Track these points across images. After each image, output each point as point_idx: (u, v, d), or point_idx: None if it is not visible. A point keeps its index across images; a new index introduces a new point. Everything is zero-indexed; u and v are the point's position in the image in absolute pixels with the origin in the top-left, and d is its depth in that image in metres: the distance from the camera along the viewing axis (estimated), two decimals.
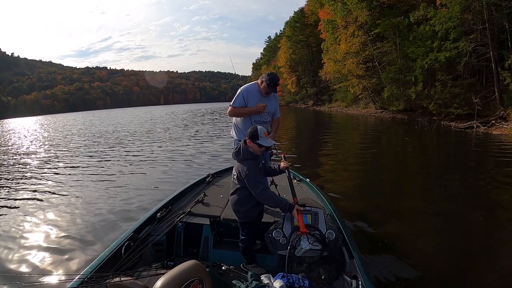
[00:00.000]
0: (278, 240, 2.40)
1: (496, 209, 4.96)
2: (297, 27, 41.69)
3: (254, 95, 3.30)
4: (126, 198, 5.83)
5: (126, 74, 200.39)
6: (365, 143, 12.14)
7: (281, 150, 4.82)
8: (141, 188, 6.48)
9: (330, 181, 6.69)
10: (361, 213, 4.75)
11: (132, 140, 15.26)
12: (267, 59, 72.65)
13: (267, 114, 3.38)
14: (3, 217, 5.17)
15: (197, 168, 8.07)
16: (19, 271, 3.39)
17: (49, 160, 10.64)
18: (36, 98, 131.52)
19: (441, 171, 7.63)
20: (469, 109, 14.57)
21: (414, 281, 3.05)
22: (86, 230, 4.45)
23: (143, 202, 5.45)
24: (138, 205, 5.32)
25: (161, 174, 7.71)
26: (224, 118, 27.39)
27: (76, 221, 4.83)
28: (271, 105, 3.41)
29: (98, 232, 4.34)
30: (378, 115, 22.52)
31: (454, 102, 14.92)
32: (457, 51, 14.29)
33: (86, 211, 5.24)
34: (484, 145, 10.60)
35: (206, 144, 12.59)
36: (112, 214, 4.99)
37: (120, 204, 5.47)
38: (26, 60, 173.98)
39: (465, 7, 13.89)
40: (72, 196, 6.12)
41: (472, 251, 3.59)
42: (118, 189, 6.47)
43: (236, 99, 3.33)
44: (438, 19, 14.34)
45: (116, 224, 4.57)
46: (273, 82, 3.21)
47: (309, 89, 44.11)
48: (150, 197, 5.74)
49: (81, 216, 5.00)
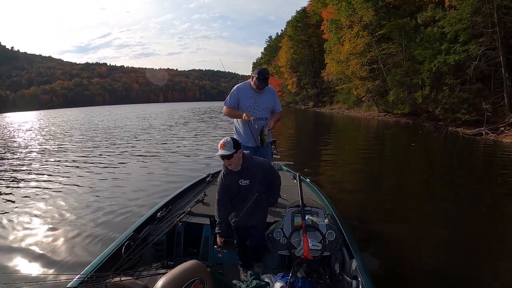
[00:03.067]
0: (279, 240, 2.38)
1: (503, 220, 4.84)
2: (299, 27, 41.01)
3: (246, 92, 3.32)
4: (126, 197, 5.81)
5: (126, 70, 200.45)
6: (368, 147, 11.65)
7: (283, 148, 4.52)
8: (141, 187, 6.48)
9: (330, 181, 6.67)
10: (362, 213, 4.79)
11: (132, 138, 15.17)
12: (268, 58, 72.46)
13: (262, 110, 3.35)
14: (2, 217, 5.07)
15: (197, 168, 8.04)
16: (19, 271, 3.37)
17: (48, 160, 10.40)
18: (35, 92, 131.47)
19: (447, 177, 7.39)
20: (477, 115, 14.09)
21: (414, 281, 3.07)
22: (86, 229, 4.42)
23: (143, 202, 5.43)
24: (138, 205, 5.30)
25: (161, 174, 7.67)
26: (225, 117, 26.34)
27: (76, 220, 4.80)
28: (266, 100, 3.38)
29: (98, 232, 4.31)
30: (381, 118, 21.88)
31: (461, 108, 14.36)
32: (466, 54, 13.74)
33: (86, 210, 5.21)
34: (494, 153, 10.07)
35: (206, 144, 12.48)
36: (112, 214, 4.99)
37: (120, 204, 5.44)
38: (26, 55, 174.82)
39: (475, 9, 13.38)
40: (72, 196, 6.08)
41: (472, 252, 3.62)
42: (118, 189, 6.45)
43: (229, 98, 3.41)
44: (448, 21, 13.80)
45: (116, 224, 4.56)
46: (262, 76, 3.17)
47: (309, 90, 43.43)
48: (150, 196, 5.72)
49: (80, 216, 4.96)
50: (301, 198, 2.46)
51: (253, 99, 3.30)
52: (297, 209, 2.45)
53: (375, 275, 2.61)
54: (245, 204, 2.49)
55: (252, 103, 3.31)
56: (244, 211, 2.49)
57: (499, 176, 7.21)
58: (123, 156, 10.34)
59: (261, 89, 3.27)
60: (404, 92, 17.55)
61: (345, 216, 3.33)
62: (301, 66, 44.19)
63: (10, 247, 3.98)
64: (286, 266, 2.66)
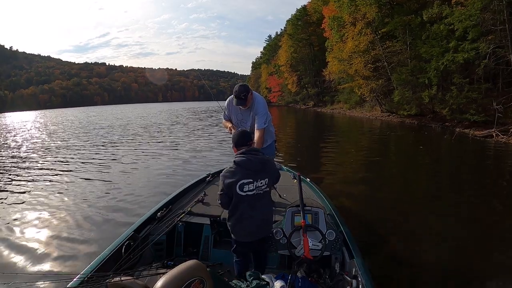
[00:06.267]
0: (279, 240, 2.37)
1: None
2: (299, 25, 40.29)
3: (235, 107, 3.15)
4: (126, 197, 5.80)
5: (125, 70, 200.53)
6: (371, 148, 11.19)
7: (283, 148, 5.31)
8: (141, 187, 6.49)
9: (331, 182, 6.67)
10: (362, 213, 4.78)
11: (131, 138, 15.15)
12: (267, 58, 71.76)
13: (249, 127, 3.14)
14: (2, 217, 5.08)
15: (198, 168, 8.01)
16: (19, 271, 3.38)
17: (47, 159, 10.38)
18: (34, 92, 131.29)
19: (455, 179, 7.20)
20: (486, 116, 13.52)
21: (414, 281, 3.09)
22: (86, 229, 4.44)
23: (143, 202, 5.43)
24: (138, 205, 5.31)
25: (161, 173, 7.65)
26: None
27: (76, 220, 4.79)
28: (247, 117, 3.17)
29: (98, 232, 4.34)
30: (384, 119, 21.19)
31: (470, 108, 13.78)
32: (475, 52, 13.15)
33: (85, 210, 5.21)
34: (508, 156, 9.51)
35: (207, 143, 12.46)
36: (112, 214, 5.00)
37: (120, 204, 5.45)
38: (24, 54, 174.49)
39: (484, 5, 12.81)
40: (72, 195, 6.08)
41: (473, 254, 3.59)
42: (118, 189, 6.44)
43: (223, 111, 3.37)
44: (457, 17, 13.17)
45: (116, 224, 4.56)
46: (237, 94, 2.93)
47: (310, 90, 42.83)
48: (150, 196, 5.73)
49: (81, 216, 4.96)
50: (301, 198, 2.45)
51: (241, 115, 3.20)
52: (297, 209, 2.43)
53: (375, 275, 2.64)
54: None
55: (239, 119, 3.21)
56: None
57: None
58: (123, 156, 10.28)
59: (245, 106, 3.04)
60: (409, 91, 16.87)
61: (345, 216, 3.32)
62: (301, 65, 43.46)
63: (10, 247, 3.99)
64: (286, 266, 2.70)
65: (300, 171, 3.41)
